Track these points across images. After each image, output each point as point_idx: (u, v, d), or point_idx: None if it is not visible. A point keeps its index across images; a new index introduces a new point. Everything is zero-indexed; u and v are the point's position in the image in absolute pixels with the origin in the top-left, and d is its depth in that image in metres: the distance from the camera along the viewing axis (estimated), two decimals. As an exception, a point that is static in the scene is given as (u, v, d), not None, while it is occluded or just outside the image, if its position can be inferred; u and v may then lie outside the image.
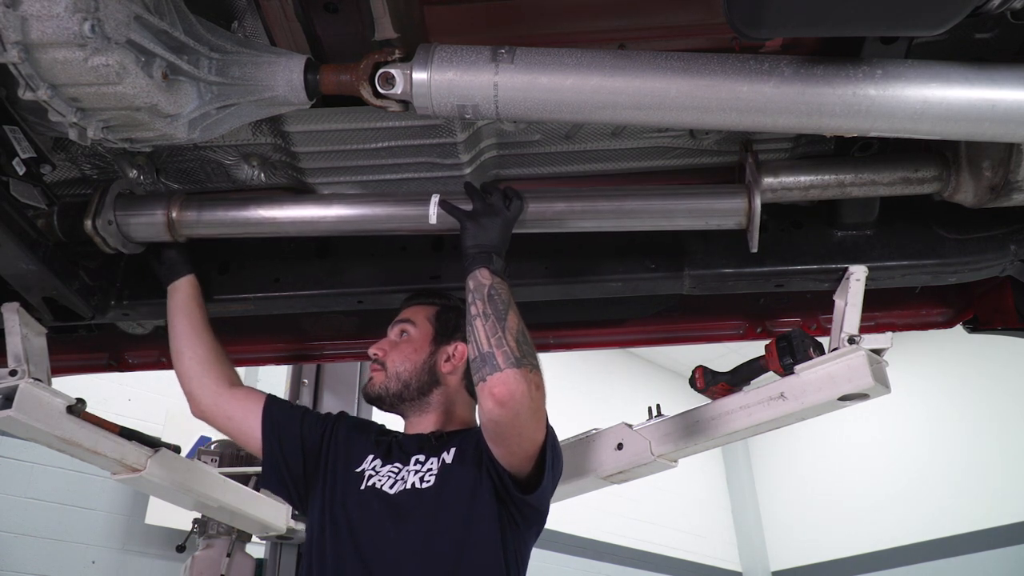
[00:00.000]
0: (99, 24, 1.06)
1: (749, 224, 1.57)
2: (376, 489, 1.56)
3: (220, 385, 1.71)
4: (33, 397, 1.62)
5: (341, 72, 1.32)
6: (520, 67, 1.26)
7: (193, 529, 3.19)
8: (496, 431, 1.43)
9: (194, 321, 1.73)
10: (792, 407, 1.64)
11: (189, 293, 1.74)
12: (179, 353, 1.72)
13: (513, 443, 1.44)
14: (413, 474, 1.56)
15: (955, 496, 7.90)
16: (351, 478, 1.60)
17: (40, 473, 4.55)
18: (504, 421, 1.38)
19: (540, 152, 1.72)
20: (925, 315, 2.19)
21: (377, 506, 1.53)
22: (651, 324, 2.23)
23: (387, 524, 1.49)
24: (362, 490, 1.56)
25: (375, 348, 1.73)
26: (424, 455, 1.60)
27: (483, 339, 1.38)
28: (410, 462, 1.59)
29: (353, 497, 1.56)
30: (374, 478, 1.58)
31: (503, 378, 1.35)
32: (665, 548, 8.61)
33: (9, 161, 1.35)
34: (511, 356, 1.36)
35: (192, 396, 1.71)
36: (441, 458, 1.58)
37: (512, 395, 1.35)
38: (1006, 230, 1.71)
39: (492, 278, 1.45)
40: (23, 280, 1.58)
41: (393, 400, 1.70)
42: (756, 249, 1.59)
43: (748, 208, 1.57)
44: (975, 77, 1.21)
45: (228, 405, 1.70)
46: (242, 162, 1.70)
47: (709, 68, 1.24)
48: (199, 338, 1.72)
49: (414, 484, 1.54)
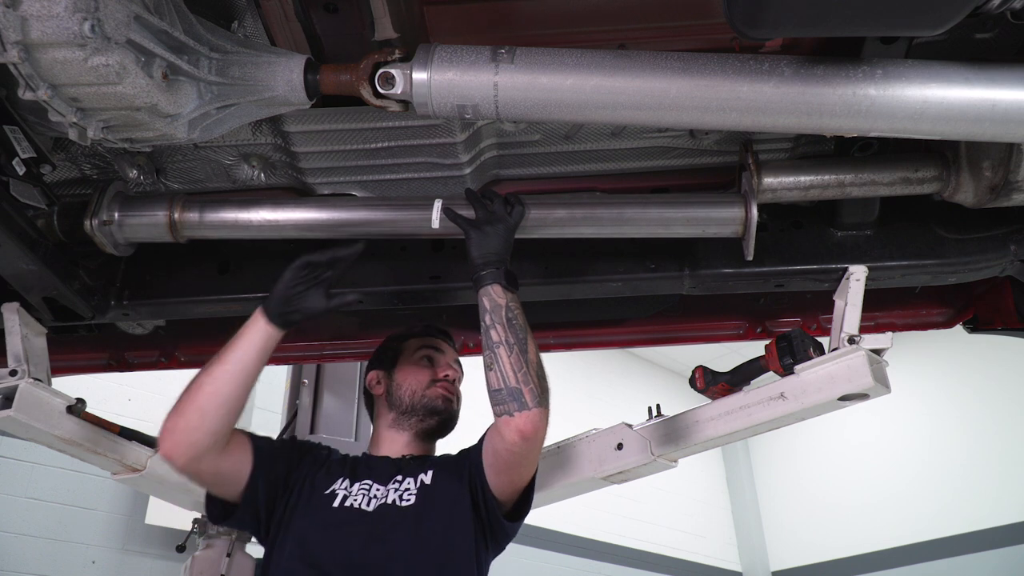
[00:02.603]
0: (99, 24, 1.06)
1: (745, 233, 1.59)
2: (352, 508, 1.55)
3: (219, 448, 1.47)
4: (33, 397, 1.62)
5: (341, 72, 1.32)
6: (520, 67, 1.26)
7: (193, 529, 3.18)
8: (511, 462, 1.50)
9: (251, 384, 1.49)
10: (792, 407, 1.64)
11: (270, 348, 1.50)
12: (204, 414, 1.42)
13: (517, 474, 1.53)
14: (392, 492, 1.58)
15: (955, 496, 7.90)
16: (322, 501, 1.57)
17: (40, 473, 4.55)
18: (523, 454, 1.47)
19: (540, 152, 1.72)
20: (925, 315, 2.19)
21: (357, 524, 1.52)
22: (651, 324, 2.23)
23: (368, 541, 1.49)
24: (335, 508, 1.55)
25: (455, 373, 1.81)
26: (402, 475, 1.62)
27: (509, 372, 1.44)
28: (388, 481, 1.60)
29: (329, 517, 1.54)
30: (349, 498, 1.57)
31: (532, 417, 1.42)
32: (665, 548, 8.61)
33: (9, 161, 1.35)
34: (536, 394, 1.44)
35: (187, 458, 1.43)
36: (419, 478, 1.60)
37: (536, 433, 1.44)
38: (1006, 230, 1.71)
39: (506, 296, 1.49)
40: (23, 280, 1.58)
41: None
42: (751, 257, 1.60)
43: (744, 217, 1.58)
44: (975, 77, 1.21)
45: (222, 464, 1.49)
46: (242, 162, 1.70)
47: (709, 68, 1.24)
48: (239, 409, 1.48)
49: (394, 501, 1.56)
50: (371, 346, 2.30)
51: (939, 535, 7.91)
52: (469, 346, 2.25)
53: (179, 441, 1.42)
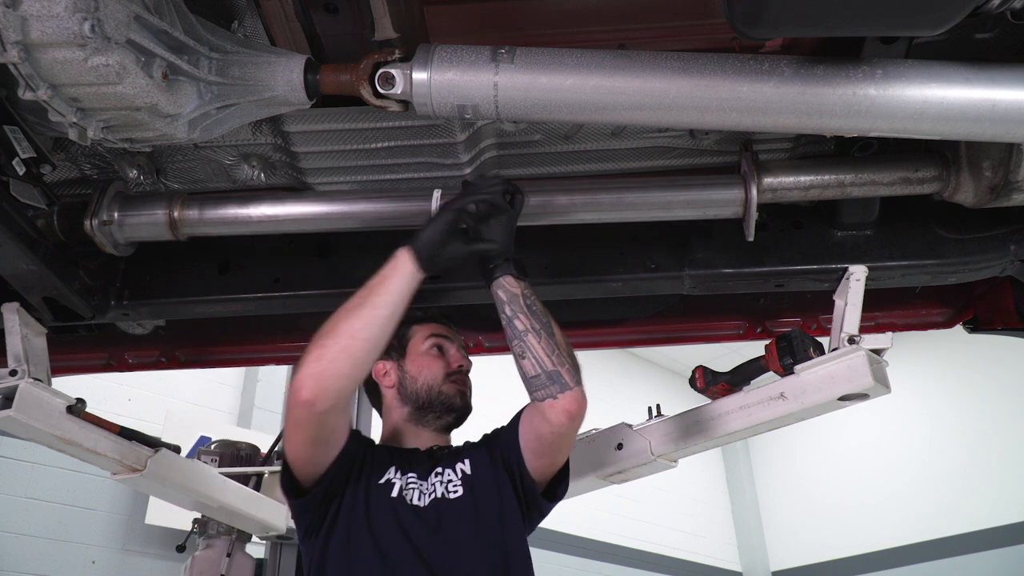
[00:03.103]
0: (99, 24, 1.06)
1: (746, 213, 1.58)
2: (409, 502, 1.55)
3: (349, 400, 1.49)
4: (33, 397, 1.62)
5: (341, 72, 1.32)
6: (520, 67, 1.26)
7: (193, 529, 3.18)
8: (555, 444, 1.52)
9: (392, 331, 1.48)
10: (792, 407, 1.64)
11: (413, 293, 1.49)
12: (355, 360, 1.40)
13: (559, 456, 1.57)
14: (439, 485, 1.58)
15: (955, 496, 7.90)
16: (380, 490, 1.56)
17: (40, 473, 4.55)
18: (568, 435, 1.51)
19: (540, 152, 1.72)
20: (925, 315, 2.19)
21: (416, 518, 1.52)
22: (651, 324, 2.23)
23: (431, 535, 1.49)
24: (394, 499, 1.55)
25: (468, 363, 1.81)
26: (440, 467, 1.63)
27: (544, 357, 1.47)
28: (429, 474, 1.61)
29: (391, 508, 1.53)
30: (404, 491, 1.57)
31: (575, 395, 1.46)
32: (665, 548, 8.61)
33: (9, 161, 1.35)
34: (573, 373, 1.47)
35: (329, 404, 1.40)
36: (458, 468, 1.61)
37: (581, 411, 1.47)
38: (1006, 230, 1.71)
39: (519, 284, 1.51)
40: (23, 280, 1.58)
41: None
42: (751, 237, 1.60)
43: (745, 197, 1.58)
44: (975, 77, 1.21)
45: (340, 421, 1.50)
46: (242, 162, 1.70)
47: (709, 68, 1.24)
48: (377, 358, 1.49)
49: (443, 495, 1.56)
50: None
51: (939, 535, 7.92)
52: (470, 345, 2.25)
53: (327, 387, 1.38)
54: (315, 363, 1.38)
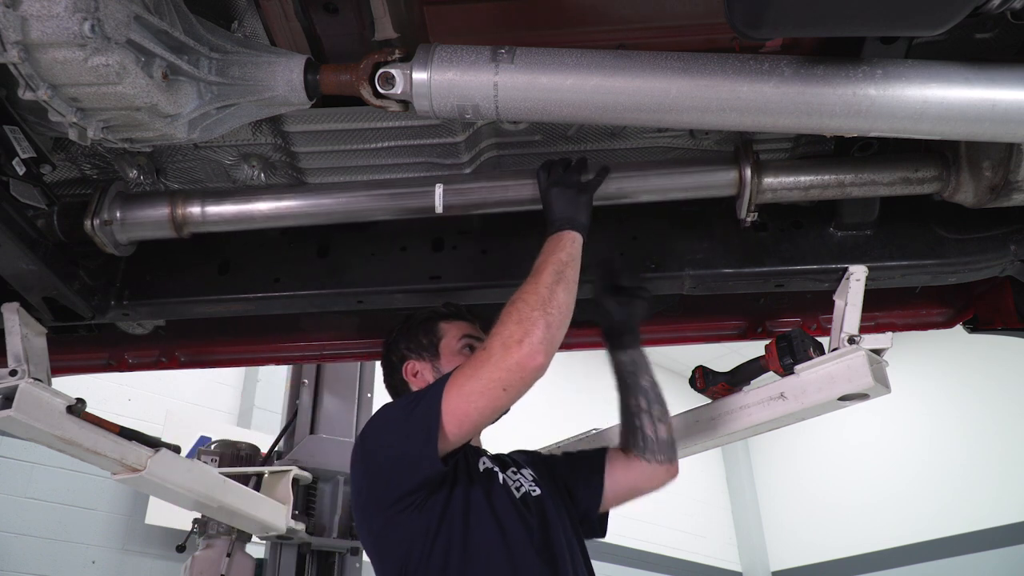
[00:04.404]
0: (99, 24, 1.06)
1: (740, 192, 1.59)
2: (509, 489, 1.56)
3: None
4: (33, 397, 1.62)
5: (341, 72, 1.32)
6: (520, 67, 1.26)
7: (193, 529, 3.18)
8: (642, 494, 1.73)
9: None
10: (792, 407, 1.64)
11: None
12: (563, 330, 1.46)
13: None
14: (522, 481, 1.61)
15: (955, 496, 7.91)
16: (484, 475, 1.55)
17: (40, 473, 4.55)
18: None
19: (540, 152, 1.72)
20: (925, 315, 2.19)
21: (519, 506, 1.52)
22: (651, 324, 2.22)
23: (538, 525, 1.51)
24: (500, 486, 1.54)
25: None
26: (513, 468, 1.65)
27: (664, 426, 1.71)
28: (506, 469, 1.62)
29: (501, 494, 1.52)
30: (508, 480, 1.57)
31: (677, 470, 1.71)
32: (665, 548, 8.61)
33: (9, 161, 1.35)
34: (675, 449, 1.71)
35: (543, 372, 1.42)
36: (526, 472, 1.66)
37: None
38: (1006, 230, 1.71)
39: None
40: (23, 280, 1.58)
41: None
42: (744, 215, 1.62)
43: (739, 177, 1.59)
44: (975, 77, 1.21)
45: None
46: (242, 162, 1.70)
47: (709, 68, 1.24)
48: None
49: (529, 491, 1.59)
50: (371, 346, 2.30)
51: (939, 535, 7.92)
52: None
53: (552, 354, 1.42)
54: (546, 329, 1.39)
